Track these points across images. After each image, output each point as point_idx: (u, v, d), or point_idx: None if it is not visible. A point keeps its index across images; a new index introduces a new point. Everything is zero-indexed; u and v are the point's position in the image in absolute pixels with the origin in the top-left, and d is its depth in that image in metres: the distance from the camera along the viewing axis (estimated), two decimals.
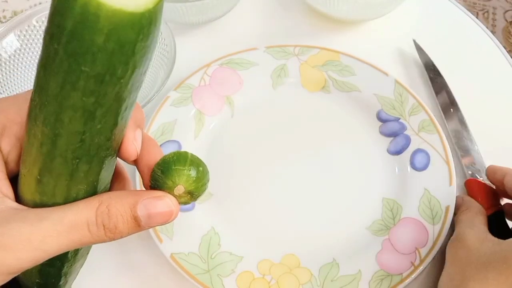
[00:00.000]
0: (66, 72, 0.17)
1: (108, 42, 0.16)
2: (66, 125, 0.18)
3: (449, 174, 0.38)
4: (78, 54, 0.16)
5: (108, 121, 0.19)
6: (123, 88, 0.18)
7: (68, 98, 0.18)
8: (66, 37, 0.16)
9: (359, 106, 0.45)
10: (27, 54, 0.46)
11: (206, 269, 0.35)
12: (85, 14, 0.16)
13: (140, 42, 0.17)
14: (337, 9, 0.50)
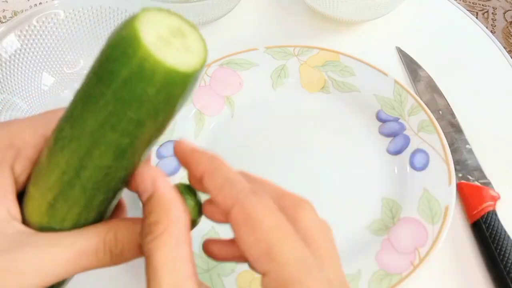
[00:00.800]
0: (110, 114, 0.18)
1: (158, 94, 0.18)
2: (95, 159, 0.19)
3: (448, 174, 0.38)
4: (126, 100, 0.18)
5: (135, 159, 0.20)
6: (158, 132, 0.20)
7: (105, 136, 0.18)
8: (118, 84, 0.17)
9: (359, 106, 0.45)
10: (27, 54, 0.46)
11: (206, 268, 0.35)
12: (142, 68, 0.17)
13: (184, 96, 0.19)
14: (336, 10, 0.50)
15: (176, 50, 0.18)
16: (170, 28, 0.19)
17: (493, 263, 0.35)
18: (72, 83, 0.49)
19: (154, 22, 0.18)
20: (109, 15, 0.48)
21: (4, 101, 0.43)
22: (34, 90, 0.46)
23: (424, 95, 0.47)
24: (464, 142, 0.43)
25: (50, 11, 0.46)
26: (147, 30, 0.18)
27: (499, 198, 0.38)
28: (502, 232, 0.36)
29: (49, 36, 0.47)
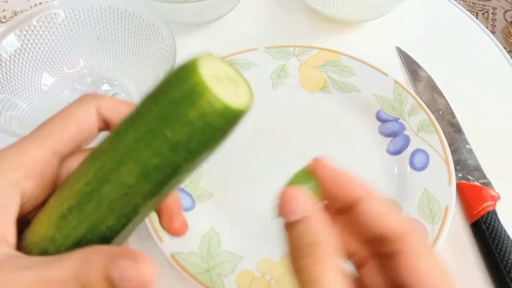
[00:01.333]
0: (150, 130, 0.19)
1: (198, 120, 0.18)
2: (120, 175, 0.19)
3: (448, 174, 0.38)
4: (167, 118, 0.18)
5: (156, 187, 0.20)
6: (186, 164, 0.20)
7: (137, 152, 0.19)
8: (166, 102, 0.18)
9: (359, 106, 0.45)
10: (27, 54, 0.46)
11: (206, 268, 0.35)
12: (191, 91, 0.18)
13: (220, 132, 0.19)
14: (336, 10, 0.50)
15: (226, 89, 0.19)
16: (225, 72, 0.20)
17: (493, 263, 0.35)
18: (72, 83, 0.49)
19: (213, 63, 0.19)
20: (109, 15, 0.48)
21: (4, 101, 0.43)
22: (34, 90, 0.46)
23: (424, 95, 0.47)
24: (464, 142, 0.43)
25: (50, 11, 0.46)
26: (205, 66, 0.19)
27: (499, 198, 0.38)
28: (502, 232, 0.36)
29: (49, 36, 0.47)
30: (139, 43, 0.48)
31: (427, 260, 0.19)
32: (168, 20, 0.46)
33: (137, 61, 0.48)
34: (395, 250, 0.20)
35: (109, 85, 0.49)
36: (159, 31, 0.45)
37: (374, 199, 0.20)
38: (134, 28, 0.47)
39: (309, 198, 0.20)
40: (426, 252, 0.20)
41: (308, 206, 0.20)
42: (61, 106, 0.50)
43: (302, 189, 0.20)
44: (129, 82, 0.49)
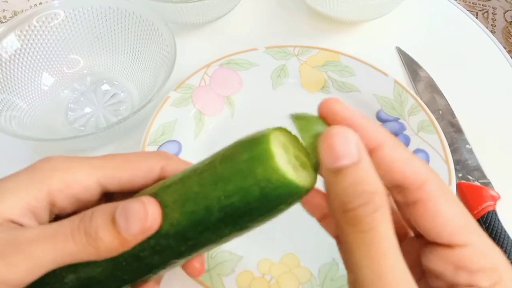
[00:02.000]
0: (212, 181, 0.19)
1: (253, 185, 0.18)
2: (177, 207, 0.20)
3: (449, 174, 0.38)
4: (223, 178, 0.19)
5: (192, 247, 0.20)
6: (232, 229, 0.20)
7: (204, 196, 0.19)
8: (238, 161, 0.18)
9: (359, 106, 0.45)
10: (27, 54, 0.46)
11: (206, 268, 0.35)
12: (259, 155, 0.18)
13: (278, 208, 0.19)
14: (336, 10, 0.50)
15: (290, 164, 0.18)
16: (297, 152, 0.19)
17: None
18: (72, 83, 0.49)
19: (287, 140, 0.19)
20: (109, 15, 0.48)
21: (4, 101, 0.43)
22: (34, 90, 0.46)
23: (424, 95, 0.47)
24: (464, 142, 0.43)
25: (50, 11, 0.46)
26: (278, 139, 0.19)
27: (499, 198, 0.38)
28: (502, 232, 0.36)
29: (49, 36, 0.47)
30: (139, 43, 0.48)
31: (448, 205, 0.19)
32: (168, 20, 0.46)
33: (137, 61, 0.48)
34: (415, 199, 0.19)
35: (109, 85, 0.49)
36: (159, 31, 0.45)
37: (393, 145, 0.19)
38: (134, 28, 0.47)
39: (359, 139, 0.18)
40: (447, 197, 0.19)
41: (362, 148, 0.18)
42: (61, 106, 0.50)
43: (349, 129, 0.18)
44: (129, 82, 0.49)
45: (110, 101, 0.48)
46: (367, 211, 0.17)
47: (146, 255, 0.20)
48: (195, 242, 0.20)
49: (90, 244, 0.19)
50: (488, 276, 0.18)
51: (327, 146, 0.17)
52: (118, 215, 0.19)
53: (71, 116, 0.47)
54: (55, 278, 0.21)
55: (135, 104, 0.47)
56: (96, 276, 0.21)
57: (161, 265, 0.21)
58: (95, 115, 0.47)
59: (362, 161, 0.17)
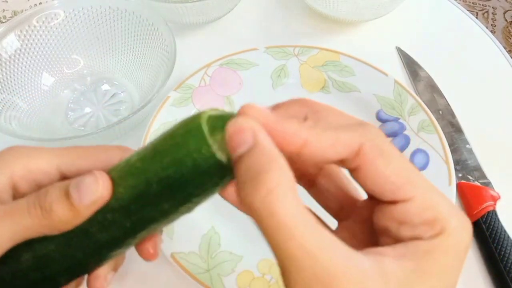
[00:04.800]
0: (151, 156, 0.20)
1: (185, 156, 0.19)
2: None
3: (449, 174, 0.38)
4: (161, 151, 0.20)
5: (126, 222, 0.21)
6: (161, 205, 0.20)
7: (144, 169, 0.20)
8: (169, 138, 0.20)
9: (359, 106, 0.45)
10: (27, 54, 0.46)
11: (206, 268, 0.35)
12: (188, 132, 0.19)
13: (212, 182, 0.20)
14: (336, 10, 0.50)
15: (221, 143, 0.19)
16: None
17: (493, 263, 0.35)
18: (72, 83, 0.49)
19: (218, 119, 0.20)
20: (109, 15, 0.48)
21: (4, 101, 0.43)
22: (34, 90, 0.46)
23: (424, 95, 0.47)
24: (464, 142, 0.43)
25: (50, 11, 0.46)
26: (212, 119, 0.20)
27: (499, 198, 0.38)
28: (502, 232, 0.36)
29: (49, 36, 0.47)
30: (139, 43, 0.48)
31: (387, 164, 0.18)
32: (168, 20, 0.46)
33: (137, 61, 0.48)
34: (355, 166, 0.19)
35: (109, 85, 0.49)
36: (159, 31, 0.45)
37: (317, 134, 0.18)
38: (134, 28, 0.47)
39: (256, 124, 0.18)
40: (385, 156, 0.18)
41: (259, 134, 0.18)
42: (61, 106, 0.50)
43: (248, 119, 0.18)
44: (129, 82, 0.49)
45: (110, 101, 0.48)
46: (260, 194, 0.16)
47: (95, 231, 0.21)
48: (139, 217, 0.21)
49: (45, 217, 0.20)
50: (430, 227, 0.18)
51: (228, 138, 0.18)
52: (72, 187, 0.20)
53: (71, 116, 0.47)
54: (12, 257, 0.22)
55: (135, 104, 0.47)
56: (50, 254, 0.22)
57: (110, 243, 0.22)
58: (95, 115, 0.47)
59: (256, 145, 0.17)
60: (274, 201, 0.16)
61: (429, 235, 0.18)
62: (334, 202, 0.23)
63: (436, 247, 0.17)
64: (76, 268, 0.23)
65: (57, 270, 0.22)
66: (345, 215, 0.22)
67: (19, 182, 0.22)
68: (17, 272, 0.22)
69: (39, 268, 0.22)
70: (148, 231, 0.22)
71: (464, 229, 0.18)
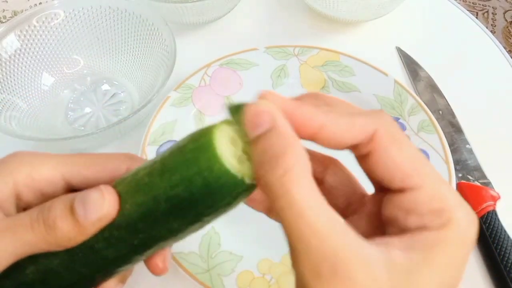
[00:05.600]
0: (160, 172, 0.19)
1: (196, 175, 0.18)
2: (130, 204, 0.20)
3: (449, 174, 0.38)
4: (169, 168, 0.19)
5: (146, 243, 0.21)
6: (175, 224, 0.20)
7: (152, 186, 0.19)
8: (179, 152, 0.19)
9: (359, 106, 0.44)
10: (27, 54, 0.46)
11: (206, 268, 0.35)
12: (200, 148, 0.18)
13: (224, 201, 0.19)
14: (336, 10, 0.50)
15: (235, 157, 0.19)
16: (246, 143, 0.19)
17: (493, 263, 0.35)
18: (72, 83, 0.49)
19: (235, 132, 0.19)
20: (109, 15, 0.48)
21: (4, 101, 0.43)
22: (34, 90, 0.46)
23: (424, 95, 0.47)
24: (464, 142, 0.43)
25: (50, 11, 0.46)
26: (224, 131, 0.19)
27: (499, 198, 0.38)
28: (502, 232, 0.36)
29: (49, 36, 0.47)
30: (139, 43, 0.48)
31: (399, 150, 0.18)
32: (168, 20, 0.46)
33: (137, 61, 0.48)
34: (367, 151, 0.19)
35: (109, 85, 0.49)
36: (159, 31, 0.45)
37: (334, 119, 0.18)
38: (134, 28, 0.47)
39: (275, 108, 0.18)
40: (398, 143, 0.19)
41: (276, 117, 0.18)
42: (61, 106, 0.50)
43: (267, 102, 0.18)
44: (129, 82, 0.49)
45: (110, 101, 0.48)
46: (276, 174, 0.17)
47: (101, 247, 0.20)
48: (146, 235, 0.20)
49: (49, 233, 0.20)
50: (437, 217, 0.18)
51: (246, 121, 0.18)
52: (77, 203, 0.20)
53: (71, 116, 0.47)
54: (16, 270, 0.21)
55: (135, 104, 0.47)
56: (55, 268, 0.21)
57: (117, 259, 0.21)
58: (95, 115, 0.47)
59: (274, 128, 0.18)
60: (289, 181, 0.17)
61: (435, 224, 0.17)
62: (341, 199, 0.23)
63: (443, 238, 0.17)
64: (81, 282, 0.22)
65: (62, 284, 0.22)
66: (352, 211, 0.22)
67: (23, 191, 0.22)
68: (20, 285, 0.21)
69: (43, 282, 0.21)
70: (156, 248, 0.21)
71: (470, 221, 0.18)
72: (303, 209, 0.16)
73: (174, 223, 0.20)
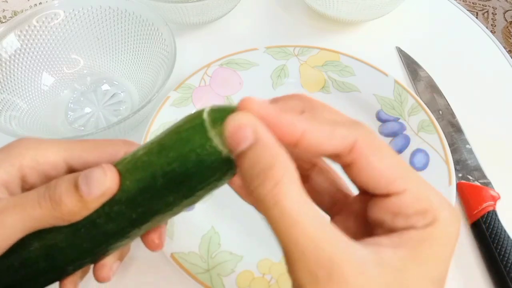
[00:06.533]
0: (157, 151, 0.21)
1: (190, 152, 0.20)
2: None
3: (449, 174, 0.38)
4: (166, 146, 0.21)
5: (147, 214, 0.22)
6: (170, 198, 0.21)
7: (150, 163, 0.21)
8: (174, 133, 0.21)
9: (359, 106, 0.45)
10: (27, 54, 0.46)
11: (206, 268, 0.35)
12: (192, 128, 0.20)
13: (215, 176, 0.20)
14: (336, 10, 0.50)
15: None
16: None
17: (493, 263, 0.35)
18: (72, 83, 0.49)
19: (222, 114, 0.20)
20: (109, 15, 0.48)
21: (4, 101, 0.43)
22: (34, 90, 0.46)
23: (424, 95, 0.47)
24: (464, 142, 0.43)
25: (50, 11, 0.46)
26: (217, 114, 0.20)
27: (499, 198, 0.38)
28: (502, 232, 0.36)
29: (49, 36, 0.47)
30: (139, 43, 0.48)
31: (380, 159, 0.19)
32: (168, 20, 0.46)
33: (137, 61, 0.48)
34: (349, 161, 0.19)
35: (109, 85, 0.49)
36: (159, 31, 0.45)
37: (315, 127, 0.19)
38: (134, 28, 0.47)
39: (256, 120, 0.18)
40: (378, 151, 0.19)
41: (259, 129, 0.18)
42: (61, 106, 0.50)
43: (247, 115, 0.18)
44: (129, 82, 0.49)
45: (110, 101, 0.48)
46: (266, 188, 0.17)
47: (102, 222, 0.22)
48: (145, 209, 0.21)
49: (55, 208, 0.21)
50: (422, 218, 0.18)
51: (228, 135, 0.18)
52: (81, 179, 0.21)
53: (71, 116, 0.47)
54: (22, 246, 0.22)
55: (135, 104, 0.47)
56: (58, 244, 0.22)
57: (117, 234, 0.22)
58: (95, 115, 0.47)
59: (258, 141, 0.18)
60: (280, 192, 0.17)
61: (422, 224, 0.18)
62: (327, 197, 0.24)
63: (429, 235, 0.18)
64: (83, 257, 0.23)
65: (65, 259, 0.23)
66: (337, 210, 0.23)
67: (28, 173, 0.23)
68: (26, 260, 0.23)
69: (47, 257, 0.23)
70: (153, 222, 0.22)
71: (454, 219, 0.19)
72: (296, 218, 0.17)
73: (170, 196, 0.21)
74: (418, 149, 0.41)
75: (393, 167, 0.19)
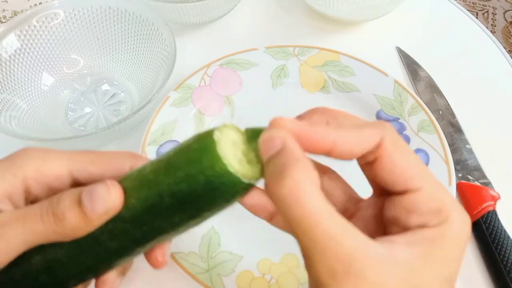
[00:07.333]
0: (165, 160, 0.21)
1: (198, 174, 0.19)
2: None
3: (449, 174, 0.38)
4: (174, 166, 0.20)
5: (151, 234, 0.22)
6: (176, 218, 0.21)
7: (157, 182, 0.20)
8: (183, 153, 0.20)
9: (359, 106, 0.45)
10: (27, 54, 0.46)
11: (206, 268, 0.35)
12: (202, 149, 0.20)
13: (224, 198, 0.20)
14: (336, 10, 0.50)
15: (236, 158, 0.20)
16: (248, 149, 0.21)
17: (493, 263, 0.35)
18: (72, 83, 0.49)
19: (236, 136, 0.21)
20: (109, 15, 0.48)
21: (4, 101, 0.43)
22: (34, 90, 0.46)
23: (424, 95, 0.47)
24: (464, 142, 0.43)
25: (50, 11, 0.46)
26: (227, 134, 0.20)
27: (499, 198, 0.38)
28: (502, 232, 0.36)
29: (49, 36, 0.47)
30: (139, 43, 0.48)
31: (402, 157, 0.20)
32: (168, 20, 0.46)
33: (137, 61, 0.48)
34: (374, 158, 0.21)
35: (109, 85, 0.49)
36: (159, 31, 0.45)
37: (344, 136, 0.20)
38: (134, 28, 0.47)
39: (285, 133, 0.20)
40: (401, 149, 0.21)
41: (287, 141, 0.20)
42: (61, 106, 0.50)
43: (279, 130, 0.20)
44: (129, 82, 0.49)
45: (110, 101, 0.48)
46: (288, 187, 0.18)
47: (105, 239, 0.21)
48: (149, 228, 0.21)
49: (58, 224, 0.21)
50: (436, 216, 0.19)
51: (260, 147, 0.20)
52: (84, 196, 0.21)
53: (71, 116, 0.47)
54: (23, 259, 0.22)
55: (135, 104, 0.47)
56: (60, 258, 0.22)
57: (120, 251, 0.22)
58: (95, 115, 0.47)
59: (285, 147, 0.19)
60: (300, 192, 0.18)
61: (435, 222, 0.19)
62: (339, 204, 0.24)
63: (441, 234, 0.19)
64: (85, 273, 0.23)
65: (66, 274, 0.23)
66: (348, 216, 0.24)
67: (32, 185, 0.23)
68: (27, 273, 0.22)
69: (48, 271, 0.22)
70: (157, 241, 0.22)
71: (465, 221, 0.20)
72: (317, 217, 0.18)
73: (176, 217, 0.21)
74: (418, 149, 0.41)
75: (413, 165, 0.20)
